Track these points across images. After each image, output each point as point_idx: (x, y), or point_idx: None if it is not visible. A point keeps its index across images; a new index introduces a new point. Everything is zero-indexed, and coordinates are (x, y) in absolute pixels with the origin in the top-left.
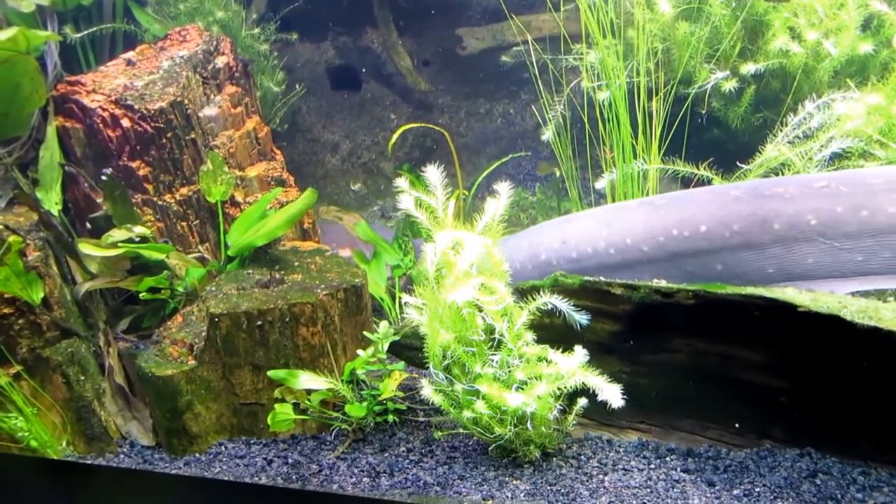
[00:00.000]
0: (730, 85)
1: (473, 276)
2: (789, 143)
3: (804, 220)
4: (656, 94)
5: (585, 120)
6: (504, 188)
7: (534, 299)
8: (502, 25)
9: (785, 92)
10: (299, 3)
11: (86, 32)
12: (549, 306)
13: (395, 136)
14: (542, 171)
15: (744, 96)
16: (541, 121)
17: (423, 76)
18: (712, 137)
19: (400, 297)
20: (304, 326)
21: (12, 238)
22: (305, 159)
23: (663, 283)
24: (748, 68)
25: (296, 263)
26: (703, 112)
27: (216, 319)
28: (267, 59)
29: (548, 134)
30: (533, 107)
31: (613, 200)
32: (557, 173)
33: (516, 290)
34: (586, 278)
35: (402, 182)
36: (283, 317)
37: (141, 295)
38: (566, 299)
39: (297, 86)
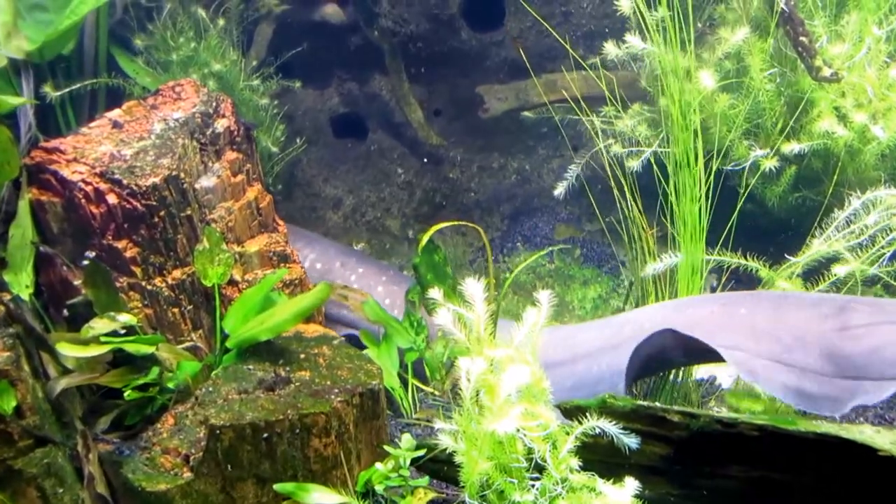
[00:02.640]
0: (770, 164)
1: (515, 403)
2: (838, 235)
3: None
4: (692, 167)
5: (613, 185)
6: (545, 297)
7: (580, 421)
8: (526, 84)
9: (826, 173)
10: (303, 48)
11: (68, 90)
12: (597, 430)
13: (428, 233)
14: (559, 235)
15: (783, 176)
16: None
17: (434, 127)
18: (745, 211)
19: (413, 385)
20: (316, 437)
21: None
22: (304, 215)
23: (724, 414)
24: (790, 148)
25: (302, 356)
26: (743, 190)
27: (218, 432)
28: (266, 111)
29: (560, 190)
30: (551, 165)
31: (655, 285)
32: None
33: (559, 408)
34: (639, 402)
35: (435, 293)
36: (294, 428)
37: (126, 394)
38: (615, 422)
39: (297, 139)
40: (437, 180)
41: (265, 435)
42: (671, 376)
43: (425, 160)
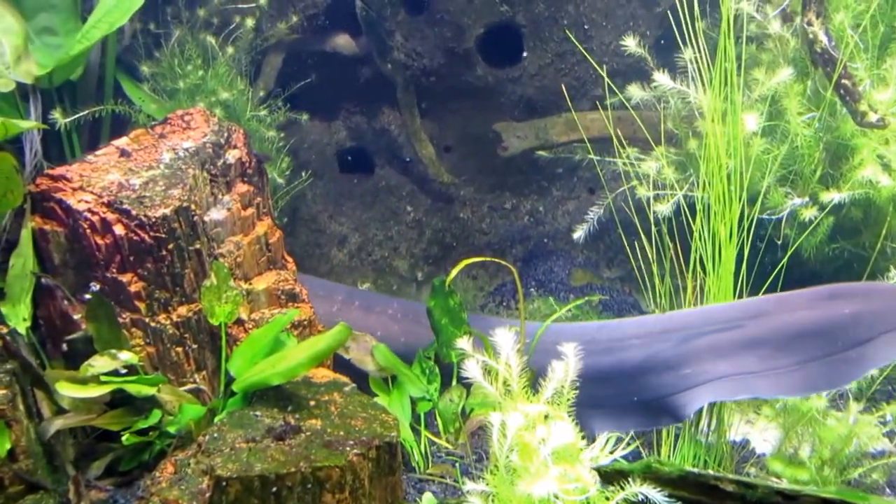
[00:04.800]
0: (809, 213)
1: (552, 464)
2: None
3: None
4: (725, 214)
5: (640, 230)
6: (571, 351)
7: (621, 487)
8: (545, 122)
9: (867, 223)
10: (311, 79)
11: (77, 116)
12: (640, 497)
13: (457, 269)
14: (576, 281)
15: (821, 225)
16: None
17: (445, 164)
18: (776, 261)
19: (426, 438)
20: (329, 493)
21: None
22: (308, 252)
23: (785, 484)
24: (830, 197)
25: (312, 403)
26: (779, 240)
27: (224, 483)
28: (272, 143)
29: (580, 233)
30: (566, 206)
31: None
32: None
33: (598, 472)
34: (688, 469)
35: (464, 343)
36: (306, 482)
37: (124, 438)
38: (661, 489)
39: (303, 172)
40: (448, 220)
41: (274, 489)
42: (704, 439)
43: (435, 198)
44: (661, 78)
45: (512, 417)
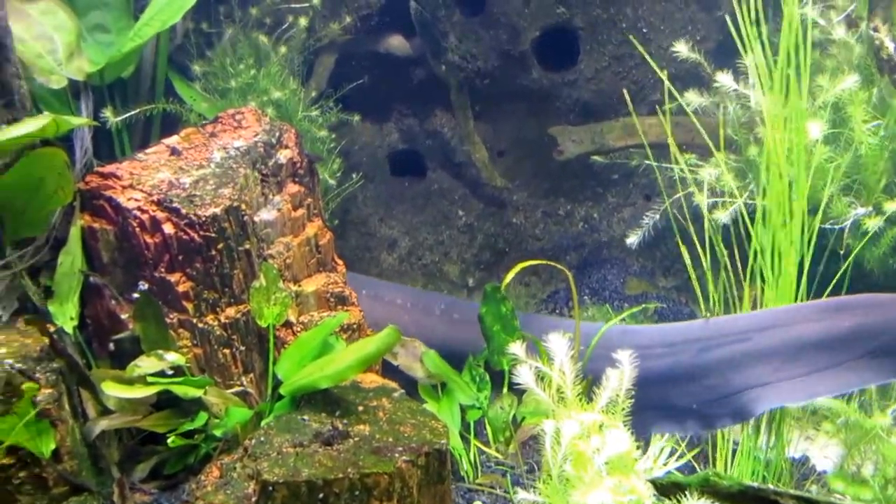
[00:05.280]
0: (875, 224)
1: (606, 475)
2: None
3: None
4: (787, 223)
5: (695, 238)
6: (626, 358)
7: (678, 500)
8: (601, 126)
9: None
10: (364, 80)
11: (128, 115)
12: None
13: (512, 272)
14: (631, 290)
15: (884, 237)
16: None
17: (498, 169)
18: (835, 271)
19: (476, 447)
20: (376, 500)
21: (26, 385)
22: (357, 255)
23: (848, 502)
24: (894, 207)
25: (360, 408)
26: (841, 251)
27: (270, 488)
28: (324, 144)
29: (635, 239)
30: (622, 213)
31: None
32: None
33: (654, 484)
34: (748, 483)
35: (516, 348)
36: (353, 488)
37: (169, 441)
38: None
39: (353, 174)
40: (500, 225)
41: (321, 494)
42: (762, 455)
43: (487, 203)
44: (724, 78)
45: (566, 425)
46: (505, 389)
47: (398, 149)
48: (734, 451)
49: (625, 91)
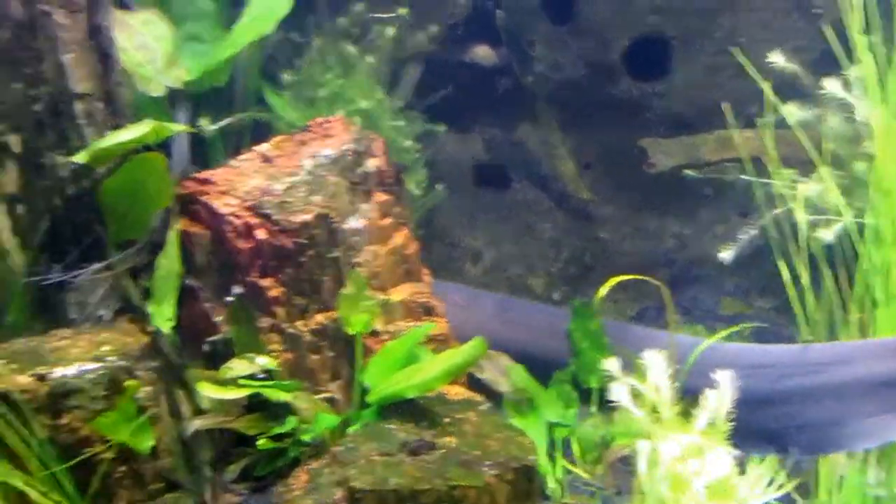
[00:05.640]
0: None
1: (704, 500)
2: None
3: None
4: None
5: (798, 258)
6: (726, 378)
7: None
8: (695, 139)
9: None
10: (449, 90)
11: (223, 123)
12: None
13: (604, 290)
14: (725, 310)
15: None
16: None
17: (585, 181)
18: None
19: (563, 466)
20: None
21: (129, 382)
22: (441, 266)
23: None
24: None
25: (446, 420)
26: None
27: (357, 496)
28: (409, 153)
29: (729, 254)
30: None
31: None
32: None
33: None
34: None
35: (613, 365)
36: (441, 500)
37: (260, 443)
38: None
39: (437, 184)
40: (587, 239)
41: None
42: (872, 491)
43: (574, 216)
44: (831, 85)
45: (664, 446)
46: (594, 408)
47: (482, 160)
48: (839, 485)
49: (720, 103)
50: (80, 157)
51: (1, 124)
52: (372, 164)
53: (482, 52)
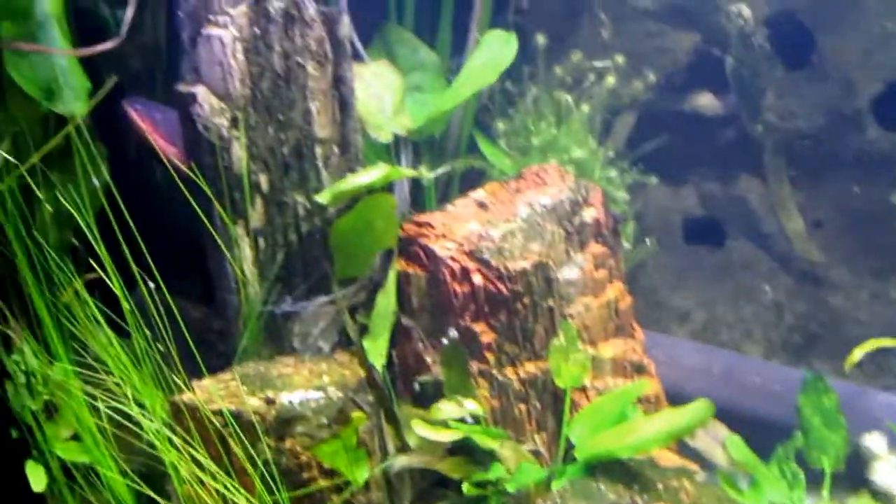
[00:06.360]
0: None
1: None
2: None
3: None
4: None
5: None
6: None
7: None
8: None
9: None
10: (664, 141)
11: (442, 170)
12: None
13: (855, 357)
14: None
15: None
16: None
17: (815, 240)
18: None
19: None
20: None
21: (356, 414)
22: (645, 324)
23: None
24: None
25: (659, 486)
26: None
27: None
28: (619, 205)
29: None
30: None
31: None
32: None
33: None
34: None
35: (873, 442)
36: None
37: (464, 487)
38: None
39: (646, 238)
40: (814, 304)
41: None
42: None
43: (799, 279)
44: None
45: None
46: (825, 491)
47: (695, 214)
48: None
49: None
50: (322, 197)
51: (254, 164)
52: (589, 214)
53: (705, 101)
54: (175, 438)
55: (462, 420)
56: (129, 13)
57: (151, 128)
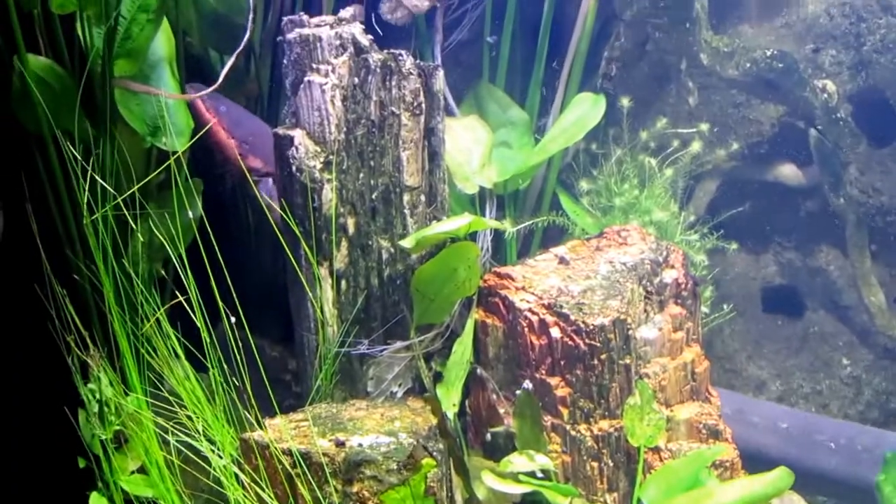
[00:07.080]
0: None
1: None
2: None
3: None
4: None
5: None
6: None
7: None
8: None
9: None
10: (745, 208)
11: (526, 224)
12: None
13: None
14: None
15: None
16: None
17: (895, 317)
18: None
19: None
20: None
21: (426, 461)
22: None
23: None
24: None
25: None
26: None
27: None
28: (698, 269)
29: None
30: None
31: None
32: None
33: None
34: None
35: None
36: None
37: None
38: None
39: (723, 304)
40: (894, 380)
41: None
42: None
43: (880, 354)
44: None
45: None
46: None
47: (774, 283)
48: None
49: None
50: (407, 243)
51: (343, 207)
52: (669, 275)
53: (787, 172)
54: (242, 476)
55: (532, 474)
56: (230, 62)
57: (214, 118)
